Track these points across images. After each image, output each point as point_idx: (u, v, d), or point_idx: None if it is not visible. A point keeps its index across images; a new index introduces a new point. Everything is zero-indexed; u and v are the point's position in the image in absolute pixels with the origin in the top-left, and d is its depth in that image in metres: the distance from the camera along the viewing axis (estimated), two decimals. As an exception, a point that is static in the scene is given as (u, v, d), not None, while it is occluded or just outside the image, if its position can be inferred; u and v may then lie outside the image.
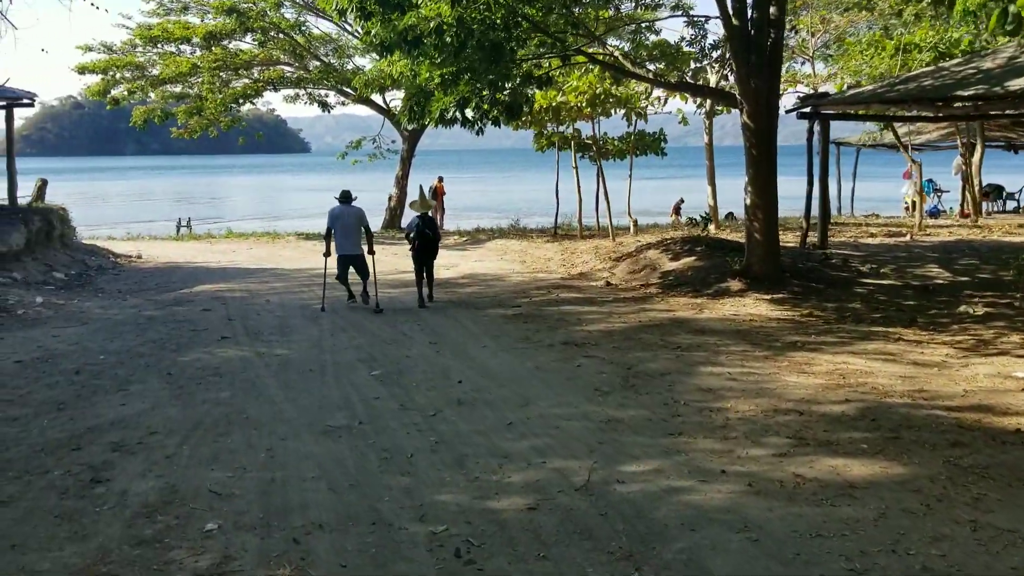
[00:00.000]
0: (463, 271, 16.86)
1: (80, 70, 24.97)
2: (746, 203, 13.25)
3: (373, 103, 27.59)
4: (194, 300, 13.72)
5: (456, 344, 9.76)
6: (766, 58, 12.82)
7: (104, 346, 10.06)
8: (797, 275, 13.47)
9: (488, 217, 37.12)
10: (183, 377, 8.49)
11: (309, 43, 26.43)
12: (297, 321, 11.63)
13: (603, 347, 9.26)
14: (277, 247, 22.92)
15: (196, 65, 24.75)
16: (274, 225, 33.34)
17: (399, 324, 11.18)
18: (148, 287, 15.58)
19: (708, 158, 17.77)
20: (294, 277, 16.56)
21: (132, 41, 25.26)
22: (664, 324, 10.54)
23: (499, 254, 19.64)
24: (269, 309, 12.68)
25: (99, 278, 16.95)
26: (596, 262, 16.38)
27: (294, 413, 7.15)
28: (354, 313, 12.14)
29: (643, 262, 15.09)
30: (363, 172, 33.28)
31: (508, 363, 8.67)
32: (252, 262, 19.41)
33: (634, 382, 7.73)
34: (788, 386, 7.49)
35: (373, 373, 8.46)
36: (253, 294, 14.29)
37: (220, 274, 17.26)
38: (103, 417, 7.14)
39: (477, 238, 23.32)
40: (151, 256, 20.92)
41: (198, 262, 19.58)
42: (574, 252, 18.04)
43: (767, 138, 13.05)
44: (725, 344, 9.31)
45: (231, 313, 12.37)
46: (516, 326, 10.72)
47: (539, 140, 22.87)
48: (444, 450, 6.10)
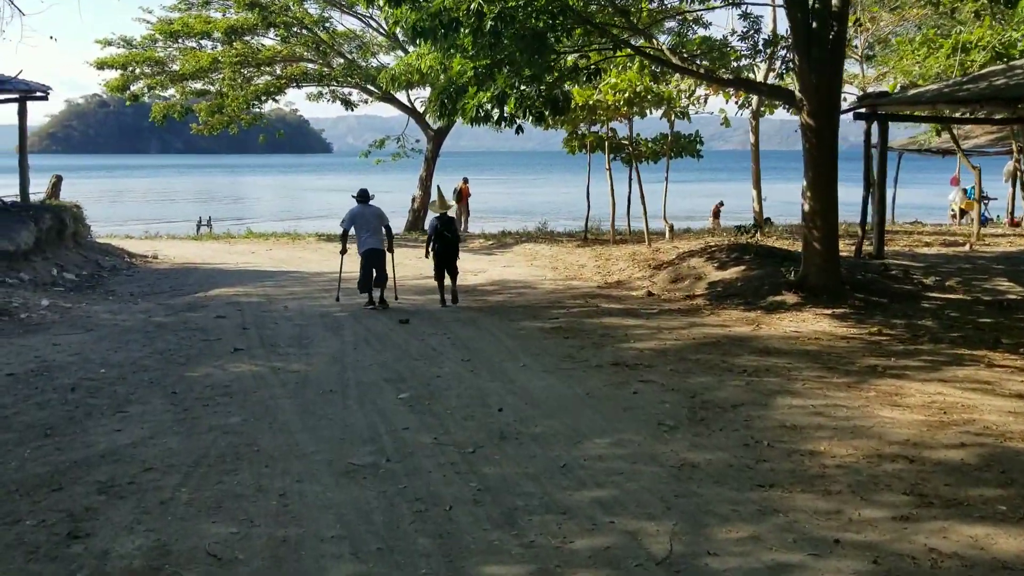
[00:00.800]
0: (491, 277, 15.84)
1: (99, 65, 24.19)
2: (804, 209, 12.15)
3: (397, 102, 26.67)
4: (208, 305, 12.80)
5: (491, 362, 8.72)
6: (828, 52, 11.73)
7: (107, 357, 9.12)
8: (857, 288, 12.34)
9: (513, 220, 36.12)
10: (189, 397, 7.52)
11: (333, 39, 25.54)
12: (317, 331, 10.66)
13: (658, 369, 8.19)
14: (297, 249, 22.01)
15: (217, 60, 23.92)
16: (294, 226, 32.51)
17: (427, 336, 10.17)
18: (161, 290, 14.68)
19: (754, 160, 16.64)
20: (314, 281, 15.62)
21: (152, 36, 24.45)
22: (721, 342, 9.45)
23: (528, 259, 18.61)
24: (287, 316, 11.72)
25: (111, 279, 16.09)
26: (634, 270, 15.30)
27: (312, 446, 6.15)
28: (377, 323, 11.15)
29: (686, 271, 14.00)
30: (386, 172, 32.40)
31: (553, 387, 7.62)
32: (271, 264, 18.50)
33: (703, 415, 6.66)
34: (885, 424, 6.39)
35: (401, 396, 7.45)
36: (270, 299, 13.35)
37: (237, 277, 16.35)
38: (94, 447, 6.17)
39: (504, 242, 22.30)
40: (167, 256, 20.08)
41: (215, 263, 18.70)
42: (608, 258, 16.97)
43: (828, 138, 11.94)
44: (796, 368, 8.21)
45: (246, 321, 11.42)
46: (556, 342, 9.67)
47: (571, 141, 21.84)
48: (489, 501, 5.07)
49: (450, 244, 12.22)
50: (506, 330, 10.48)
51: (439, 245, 12.16)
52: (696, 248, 15.46)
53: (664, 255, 16.40)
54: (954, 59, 17.45)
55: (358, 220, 12.12)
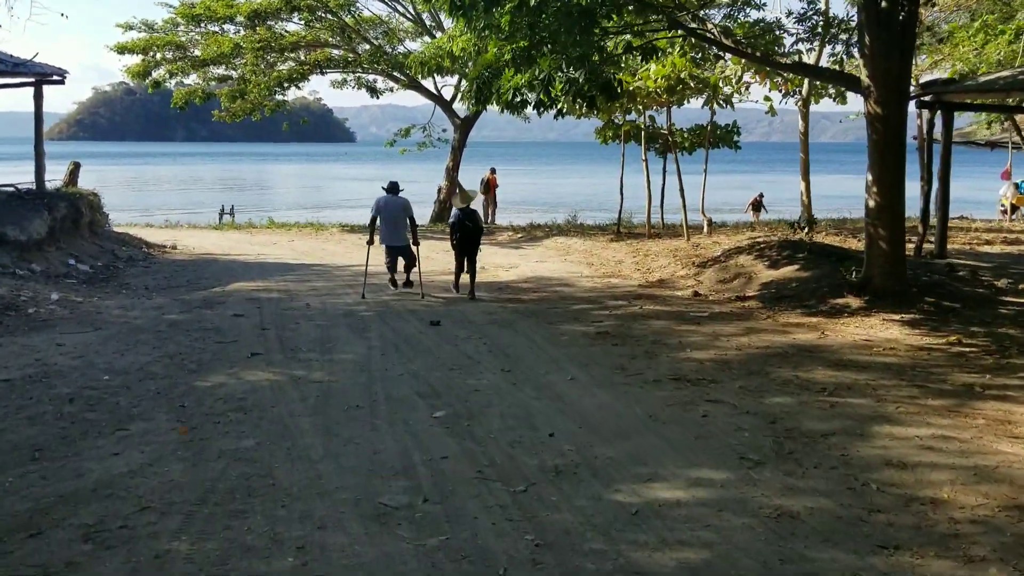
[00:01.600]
0: (524, 273, 14.89)
1: (119, 50, 23.42)
2: (868, 205, 11.08)
3: (424, 89, 25.73)
4: (225, 302, 11.95)
5: (535, 373, 7.78)
6: (898, 35, 10.64)
7: (112, 362, 8.27)
8: (924, 291, 11.26)
9: (539, 211, 35.14)
10: (198, 412, 6.63)
11: (358, 24, 24.61)
12: (341, 332, 9.76)
13: (725, 386, 7.20)
14: (320, 240, 21.16)
15: (239, 46, 23.07)
16: (317, 215, 31.73)
17: (460, 341, 9.24)
18: (178, 284, 13.86)
19: (803, 151, 15.50)
20: (337, 275, 14.74)
21: (174, 20, 23.64)
22: (789, 353, 8.44)
23: (561, 254, 17.63)
24: (309, 316, 10.84)
25: (127, 271, 15.30)
26: (676, 267, 14.29)
27: (336, 479, 5.23)
28: (406, 324, 10.23)
29: (734, 269, 12.97)
30: (412, 162, 31.54)
31: (608, 406, 6.66)
32: (293, 256, 17.66)
33: (790, 447, 5.67)
34: (1011, 463, 5.37)
35: (436, 414, 6.52)
36: (292, 295, 12.48)
37: (258, 270, 15.51)
38: (86, 476, 5.30)
39: (533, 235, 21.33)
40: (187, 247, 19.29)
41: (235, 255, 17.88)
42: (647, 254, 15.96)
43: (897, 128, 10.86)
44: (882, 386, 7.19)
45: (265, 320, 10.54)
46: (604, 349, 8.70)
47: (604, 131, 20.81)
48: (551, 561, 4.13)
49: (472, 234, 12.03)
50: (546, 335, 9.52)
51: (460, 234, 12.03)
52: (742, 244, 14.42)
53: (706, 251, 15.37)
54: (1017, 45, 16.25)
55: (383, 211, 12.11)
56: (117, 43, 23.39)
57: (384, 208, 12.04)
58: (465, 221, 11.99)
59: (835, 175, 72.29)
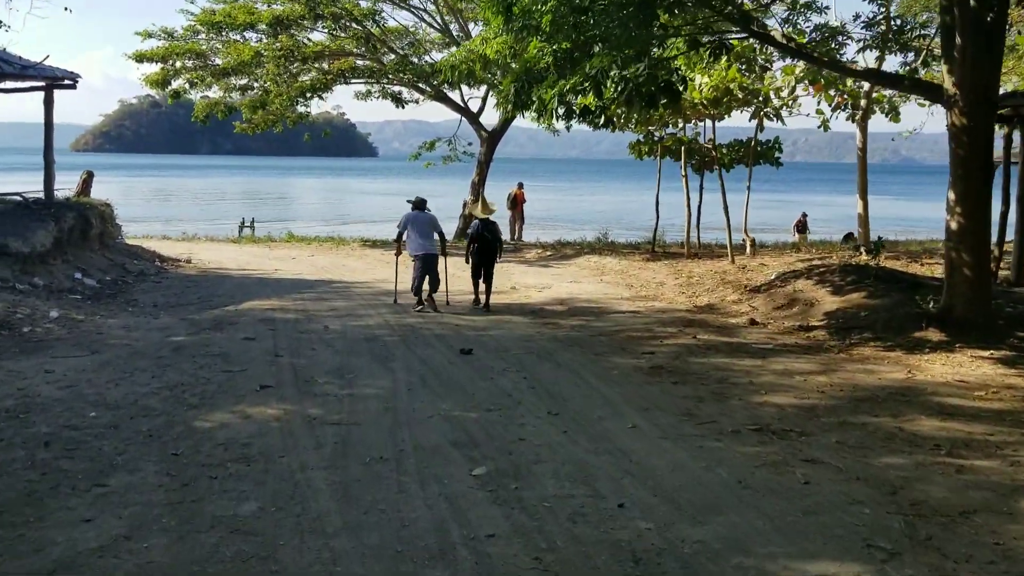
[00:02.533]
0: (558, 294, 13.77)
1: (138, 58, 22.63)
2: (949, 227, 9.88)
3: (450, 101, 24.79)
4: (238, 322, 10.92)
5: (587, 418, 6.63)
6: (985, 41, 9.48)
7: (104, 393, 7.23)
8: (1012, 322, 10.03)
9: (565, 228, 34.11)
10: (193, 463, 5.55)
11: (384, 34, 23.71)
12: (363, 361, 8.68)
13: (818, 439, 6.02)
14: (340, 255, 20.17)
15: (260, 54, 22.18)
16: (339, 230, 30.83)
17: (496, 374, 8.12)
18: (188, 301, 12.86)
19: (860, 169, 14.23)
20: (359, 294, 13.69)
21: (194, 27, 22.82)
22: (879, 397, 7.24)
23: (595, 273, 16.50)
24: (327, 340, 9.77)
25: (136, 287, 14.34)
26: (724, 291, 13.11)
27: (356, 564, 4.12)
28: (435, 353, 9.13)
29: (792, 295, 11.79)
30: (436, 177, 30.61)
31: (686, 467, 5.49)
32: (312, 272, 16.65)
33: (926, 530, 4.49)
34: None
35: (476, 472, 5.39)
36: (309, 316, 11.43)
37: (274, 287, 14.50)
38: (45, 553, 4.21)
39: (563, 252, 20.22)
40: (202, 260, 18.35)
41: (252, 269, 16.91)
42: (690, 276, 14.80)
43: (983, 142, 9.67)
44: (1006, 443, 5.97)
45: (279, 345, 9.48)
46: (663, 388, 7.55)
47: (640, 145, 19.72)
48: None
49: (490, 245, 12.02)
50: (594, 369, 8.38)
51: (479, 245, 11.99)
52: (797, 268, 13.23)
53: (755, 274, 14.19)
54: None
55: (412, 225, 12.01)
56: (135, 51, 22.61)
57: (413, 223, 12.01)
58: (484, 232, 12.02)
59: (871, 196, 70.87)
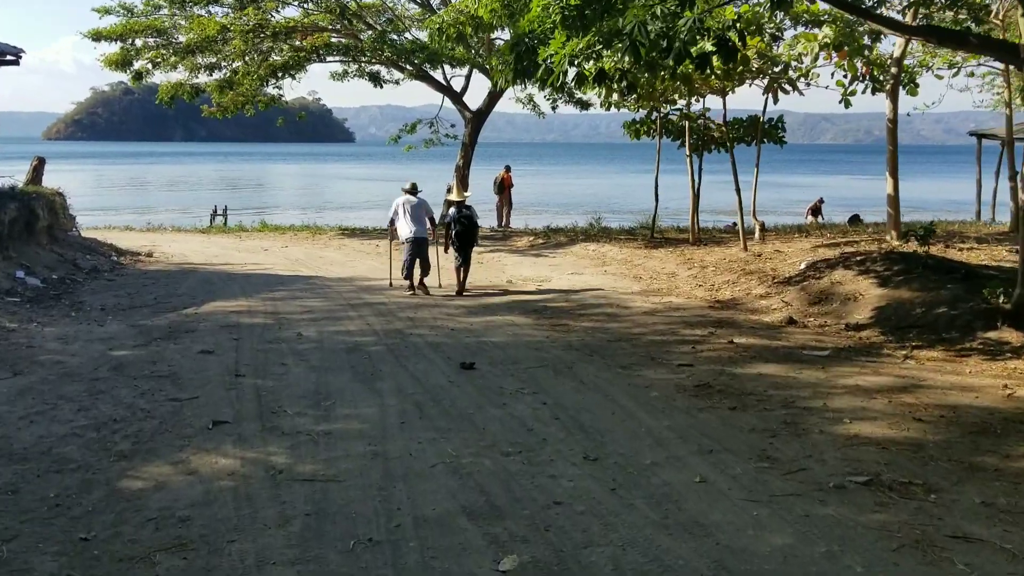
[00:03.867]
0: (560, 288, 12.18)
1: (94, 36, 20.57)
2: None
3: (432, 80, 22.96)
4: (196, 329, 9.24)
5: (636, 465, 5.02)
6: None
7: (11, 436, 5.55)
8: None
9: (551, 213, 32.50)
10: (107, 554, 3.90)
11: (359, 9, 21.82)
12: (343, 380, 7.05)
13: (957, 500, 4.43)
14: (317, 246, 18.44)
15: (226, 28, 20.21)
16: (316, 218, 29.04)
17: (508, 398, 6.52)
18: (142, 302, 11.14)
19: (890, 143, 12.65)
20: (337, 291, 12.02)
21: (156, 2, 20.79)
22: (991, 425, 5.69)
23: (596, 263, 14.93)
24: (300, 352, 8.12)
25: (86, 286, 12.57)
26: (747, 283, 11.57)
27: None
28: (431, 368, 7.51)
29: (828, 288, 10.28)
30: (417, 161, 28.88)
31: (797, 554, 3.83)
32: (285, 266, 14.94)
33: None
34: None
35: (504, 567, 3.78)
36: (280, 321, 9.76)
37: (242, 283, 12.79)
38: None
39: (556, 240, 18.61)
40: (166, 253, 16.57)
41: (219, 264, 15.17)
42: (702, 266, 13.25)
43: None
44: None
45: (242, 360, 7.82)
46: (721, 418, 5.95)
47: (634, 125, 18.13)
48: None
49: (469, 230, 11.76)
50: (625, 387, 6.79)
51: (460, 228, 11.70)
52: (830, 256, 11.72)
53: (774, 262, 12.68)
54: None
55: (404, 208, 11.91)
56: (91, 29, 20.56)
57: (407, 206, 11.89)
58: (461, 218, 11.76)
59: (849, 175, 69.73)
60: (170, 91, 21.88)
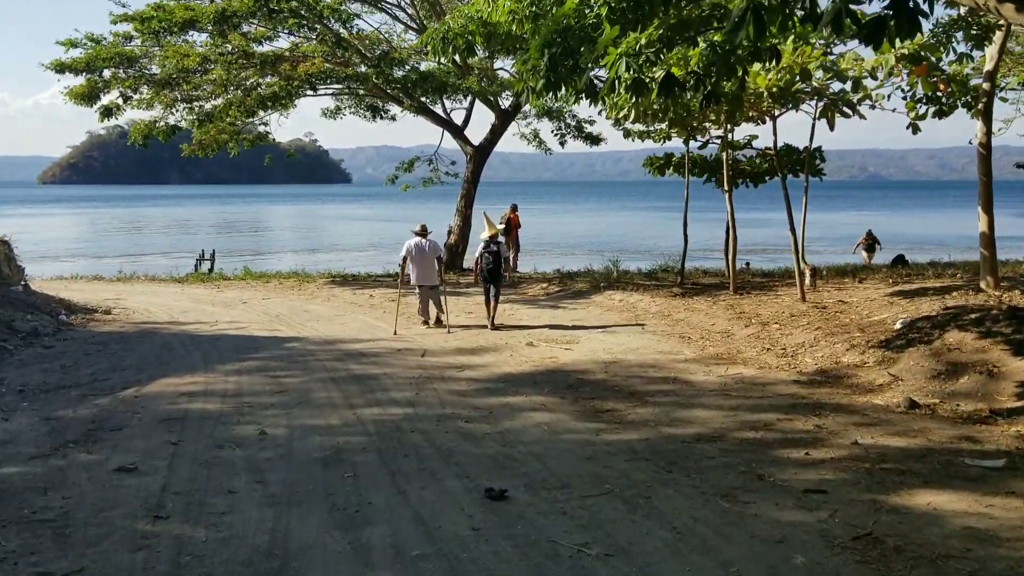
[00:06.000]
0: (594, 353, 9.79)
1: (57, 68, 18.38)
2: None
3: (431, 113, 20.84)
4: (126, 425, 6.85)
5: None
6: None
7: None
8: None
9: (558, 254, 30.30)
10: None
11: (354, 38, 19.71)
12: (313, 531, 4.63)
13: None
14: (303, 296, 16.07)
15: (207, 59, 18.09)
16: (308, 261, 26.78)
17: (564, 563, 4.14)
18: (76, 380, 8.73)
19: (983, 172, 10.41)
20: (320, 360, 9.62)
21: (127, 33, 18.59)
22: None
23: (627, 317, 12.56)
24: (258, 467, 5.71)
25: (17, 355, 10.19)
26: (829, 346, 9.18)
27: None
28: (442, 497, 5.10)
29: (948, 355, 7.91)
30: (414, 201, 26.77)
31: None
32: (262, 324, 12.55)
33: None
34: None
35: None
36: (240, 408, 7.37)
37: (207, 350, 10.40)
38: None
39: (574, 288, 16.27)
40: (128, 309, 14.21)
41: (187, 321, 12.80)
42: (762, 322, 10.89)
43: None
44: None
45: (172, 484, 5.40)
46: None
47: (657, 161, 16.06)
48: None
49: (495, 265, 11.81)
50: (744, 539, 4.38)
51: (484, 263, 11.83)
52: (931, 312, 9.36)
53: (849, 317, 10.34)
54: None
55: (415, 252, 11.85)
56: (54, 60, 18.36)
57: (416, 250, 11.81)
58: (487, 252, 11.85)
59: (857, 211, 67.68)
60: (143, 130, 19.66)
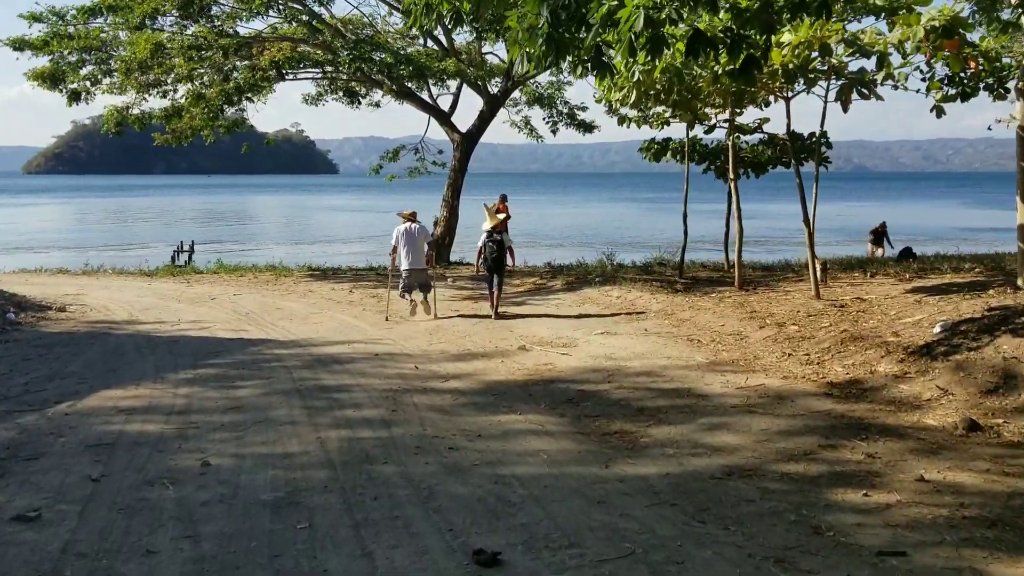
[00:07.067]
0: (593, 358, 8.69)
1: (15, 45, 17.08)
2: None
3: (418, 99, 19.69)
4: (46, 452, 5.70)
5: None
6: None
7: None
8: None
9: (547, 245, 29.20)
10: None
11: (335, 21, 18.47)
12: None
13: None
14: (278, 292, 14.88)
15: (162, 46, 16.59)
16: (289, 253, 25.59)
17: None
18: (6, 391, 7.57)
19: (1022, 157, 9.47)
20: (286, 367, 8.47)
21: (89, 7, 17.21)
22: None
23: (628, 316, 11.48)
24: (191, 514, 4.57)
25: (-53, 360, 8.97)
26: (860, 352, 8.10)
27: None
28: (421, 561, 4.00)
29: (1000, 366, 6.86)
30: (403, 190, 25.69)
31: None
32: (230, 323, 11.39)
33: None
34: None
35: None
36: (184, 431, 6.21)
37: (162, 354, 9.23)
38: None
39: (566, 282, 15.19)
40: (86, 306, 13.01)
41: (147, 320, 11.62)
42: (776, 322, 9.82)
43: None
44: None
45: (78, 542, 4.25)
46: None
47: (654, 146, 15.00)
48: None
49: (497, 253, 11.80)
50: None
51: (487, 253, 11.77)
52: (974, 315, 8.31)
53: (876, 318, 9.28)
54: None
55: (404, 237, 11.78)
56: (11, 37, 17.03)
57: (405, 235, 11.78)
58: (490, 242, 11.78)
59: (843, 202, 66.64)
60: (115, 117, 18.34)
